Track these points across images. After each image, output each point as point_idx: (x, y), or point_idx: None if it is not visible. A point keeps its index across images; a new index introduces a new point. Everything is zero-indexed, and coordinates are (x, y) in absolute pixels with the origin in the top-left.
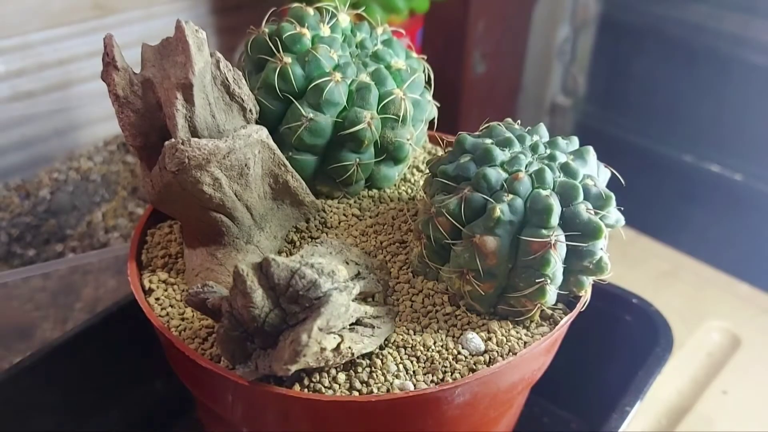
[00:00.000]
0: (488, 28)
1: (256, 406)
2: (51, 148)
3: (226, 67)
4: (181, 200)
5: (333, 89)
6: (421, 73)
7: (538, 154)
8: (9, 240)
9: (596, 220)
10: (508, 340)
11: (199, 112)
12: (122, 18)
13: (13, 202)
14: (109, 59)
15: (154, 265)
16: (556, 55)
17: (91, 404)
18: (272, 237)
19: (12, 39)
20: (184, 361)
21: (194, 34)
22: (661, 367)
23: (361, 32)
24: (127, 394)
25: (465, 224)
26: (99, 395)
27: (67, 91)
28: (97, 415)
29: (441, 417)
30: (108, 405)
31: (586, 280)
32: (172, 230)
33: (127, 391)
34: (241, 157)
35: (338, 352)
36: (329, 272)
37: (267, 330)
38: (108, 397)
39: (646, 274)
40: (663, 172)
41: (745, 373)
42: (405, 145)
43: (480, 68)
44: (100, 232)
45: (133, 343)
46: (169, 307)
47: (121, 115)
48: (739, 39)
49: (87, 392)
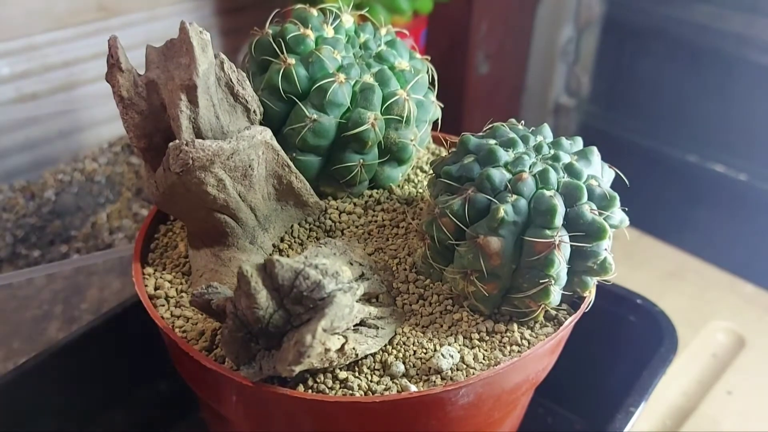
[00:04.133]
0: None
1: (260, 406)
2: (56, 149)
3: (230, 69)
4: (185, 201)
5: (337, 90)
6: (425, 74)
7: (542, 154)
8: (14, 241)
9: (600, 220)
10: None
11: (203, 113)
12: (126, 20)
13: (18, 204)
14: (113, 61)
15: (159, 266)
16: (560, 55)
17: (95, 404)
18: (276, 238)
19: (17, 41)
20: (189, 361)
21: (198, 35)
22: (665, 367)
23: (364, 33)
24: (132, 395)
25: (469, 225)
26: (103, 396)
27: (72, 93)
28: (102, 416)
29: (445, 418)
30: (112, 405)
31: (591, 281)
32: (177, 231)
33: (131, 391)
34: (245, 158)
35: (342, 352)
36: (333, 273)
37: (271, 331)
38: (112, 398)
39: (651, 275)
40: (667, 172)
41: (749, 374)
42: (408, 145)
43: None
44: (105, 233)
45: (138, 343)
46: (173, 307)
47: (125, 116)
48: (744, 39)
49: (91, 393)
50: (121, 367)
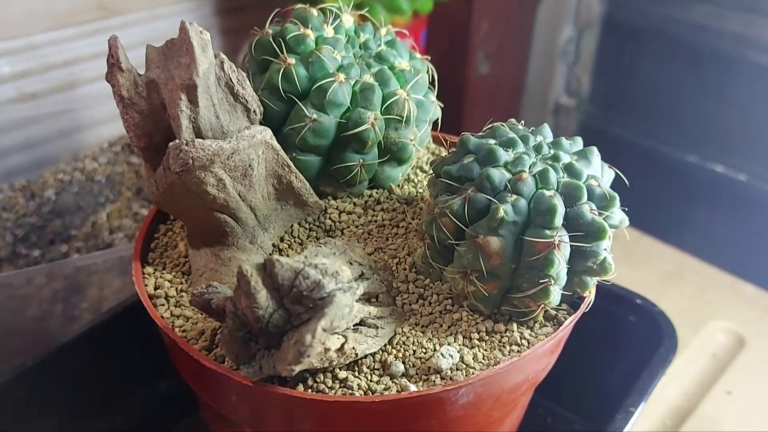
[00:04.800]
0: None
1: (260, 406)
2: (56, 149)
3: (230, 68)
4: (185, 201)
5: (337, 90)
6: (425, 74)
7: (542, 154)
8: (14, 240)
9: (600, 220)
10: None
11: (203, 113)
12: (127, 19)
13: (18, 203)
14: (113, 60)
15: (159, 266)
16: (560, 55)
17: (95, 404)
18: (276, 237)
19: (17, 40)
20: (189, 361)
21: (198, 35)
22: (665, 367)
23: (364, 33)
24: (132, 395)
25: (468, 225)
26: (103, 395)
27: (72, 93)
28: (102, 415)
29: (445, 417)
30: (112, 405)
31: (590, 281)
32: (177, 231)
33: (131, 391)
34: (245, 157)
35: (342, 352)
36: (333, 273)
37: (271, 330)
38: (112, 398)
39: (651, 275)
40: (667, 172)
41: (749, 374)
42: (408, 145)
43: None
44: (105, 232)
45: (138, 343)
46: (173, 307)
47: (125, 116)
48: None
49: (91, 392)
50: (121, 367)
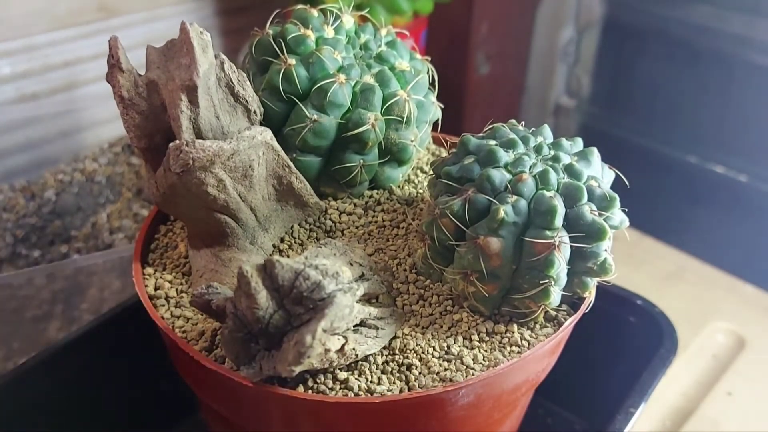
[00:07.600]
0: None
1: (260, 407)
2: (56, 149)
3: (230, 69)
4: (185, 201)
5: (337, 91)
6: (425, 75)
7: (542, 155)
8: (14, 241)
9: (600, 221)
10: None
11: (203, 113)
12: (127, 20)
13: (18, 204)
14: (114, 61)
15: (159, 266)
16: (560, 56)
17: (95, 404)
18: (276, 238)
19: (17, 41)
20: (189, 362)
21: (199, 35)
22: (665, 368)
23: (365, 34)
24: (132, 395)
25: (469, 225)
26: (103, 395)
27: (72, 93)
28: (102, 416)
29: (445, 418)
30: (112, 405)
31: (591, 282)
32: (177, 232)
33: (131, 391)
34: (245, 158)
35: (342, 353)
36: (333, 273)
37: (271, 331)
38: (112, 398)
39: (651, 276)
40: (667, 173)
41: (750, 375)
42: (409, 146)
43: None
44: (105, 233)
45: (138, 344)
46: (173, 308)
47: (125, 116)
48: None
49: (91, 393)
50: (121, 367)
